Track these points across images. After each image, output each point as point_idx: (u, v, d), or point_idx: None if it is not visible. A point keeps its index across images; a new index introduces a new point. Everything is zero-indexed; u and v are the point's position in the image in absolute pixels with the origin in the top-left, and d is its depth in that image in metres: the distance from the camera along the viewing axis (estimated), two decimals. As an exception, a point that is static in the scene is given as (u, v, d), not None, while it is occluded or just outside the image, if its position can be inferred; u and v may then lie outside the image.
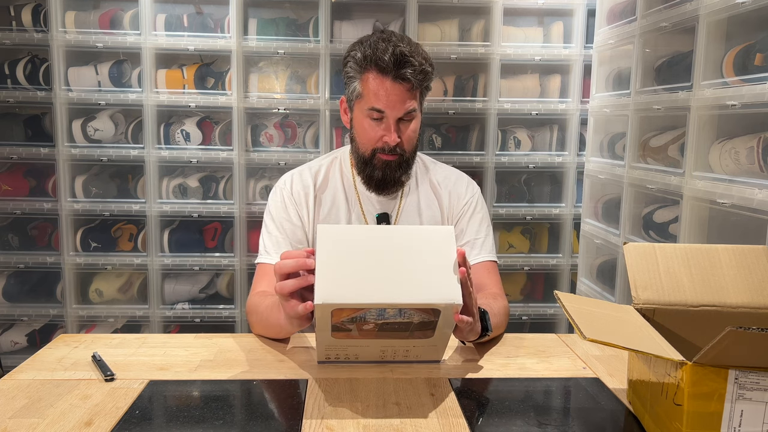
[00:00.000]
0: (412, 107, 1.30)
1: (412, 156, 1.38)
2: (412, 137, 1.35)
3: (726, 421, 0.74)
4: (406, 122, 1.32)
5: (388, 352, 1.06)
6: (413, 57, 1.26)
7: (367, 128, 1.32)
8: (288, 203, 1.40)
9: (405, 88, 1.27)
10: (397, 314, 0.93)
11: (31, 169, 2.55)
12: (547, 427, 0.88)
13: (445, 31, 2.54)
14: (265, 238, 1.38)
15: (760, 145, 1.51)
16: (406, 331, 0.98)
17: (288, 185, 1.42)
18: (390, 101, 1.27)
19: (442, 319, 0.95)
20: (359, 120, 1.34)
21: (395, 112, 1.29)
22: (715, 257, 0.97)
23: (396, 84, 1.26)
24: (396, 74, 1.25)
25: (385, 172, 1.35)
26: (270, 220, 1.40)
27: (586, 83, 2.56)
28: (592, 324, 0.80)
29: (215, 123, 2.57)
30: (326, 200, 1.41)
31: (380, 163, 1.34)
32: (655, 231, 1.99)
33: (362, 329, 0.97)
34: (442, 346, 1.05)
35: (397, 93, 1.27)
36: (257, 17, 2.54)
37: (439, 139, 2.60)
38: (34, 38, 2.43)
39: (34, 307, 2.54)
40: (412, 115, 1.32)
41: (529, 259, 2.65)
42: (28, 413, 0.90)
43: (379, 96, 1.27)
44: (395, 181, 1.37)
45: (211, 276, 2.64)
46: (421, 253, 0.95)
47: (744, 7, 1.54)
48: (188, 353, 1.14)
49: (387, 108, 1.28)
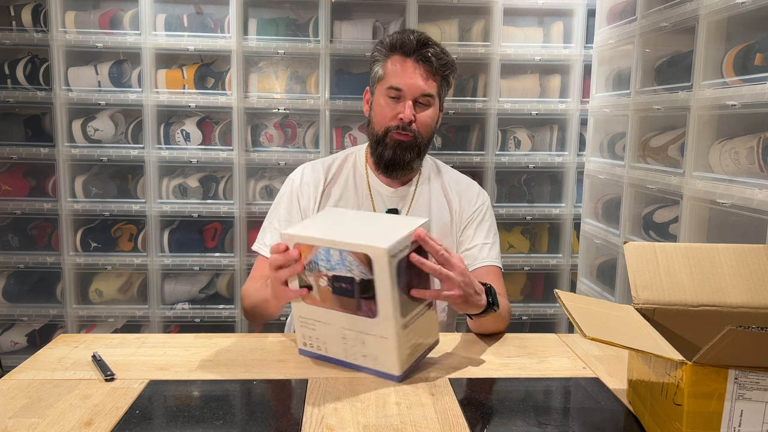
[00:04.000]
0: (430, 91, 1.34)
1: (425, 144, 1.39)
2: (428, 123, 1.37)
3: (726, 421, 0.74)
4: (423, 106, 1.36)
5: (348, 344, 1.04)
6: (436, 45, 1.35)
7: (384, 106, 1.36)
8: (295, 198, 1.43)
9: (425, 69, 1.33)
10: (340, 263, 0.97)
11: (31, 169, 2.55)
12: (547, 427, 0.88)
13: (445, 31, 2.54)
14: (267, 228, 1.42)
15: (760, 145, 1.51)
16: (353, 295, 0.99)
17: (298, 178, 1.45)
18: (409, 80, 1.33)
19: (377, 276, 0.95)
20: (378, 101, 1.38)
21: (413, 91, 1.33)
22: (715, 257, 0.97)
23: (417, 64, 1.33)
24: (418, 55, 1.32)
25: (395, 152, 1.36)
26: (276, 212, 1.43)
27: (586, 83, 2.56)
28: (593, 323, 0.80)
29: (215, 123, 2.57)
30: (335, 193, 1.43)
31: (392, 141, 1.36)
32: (655, 231, 1.99)
33: (320, 286, 1.01)
34: (393, 344, 0.99)
35: (417, 72, 1.33)
36: (257, 17, 2.54)
37: (439, 139, 2.60)
38: (34, 38, 2.43)
39: (34, 307, 2.54)
40: (429, 101, 1.35)
41: (529, 259, 2.65)
42: (28, 413, 0.90)
43: (399, 74, 1.33)
44: (404, 164, 1.38)
45: (211, 276, 2.64)
46: (387, 222, 1.09)
47: (744, 7, 1.54)
48: (188, 353, 1.14)
49: (405, 86, 1.33)
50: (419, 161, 1.41)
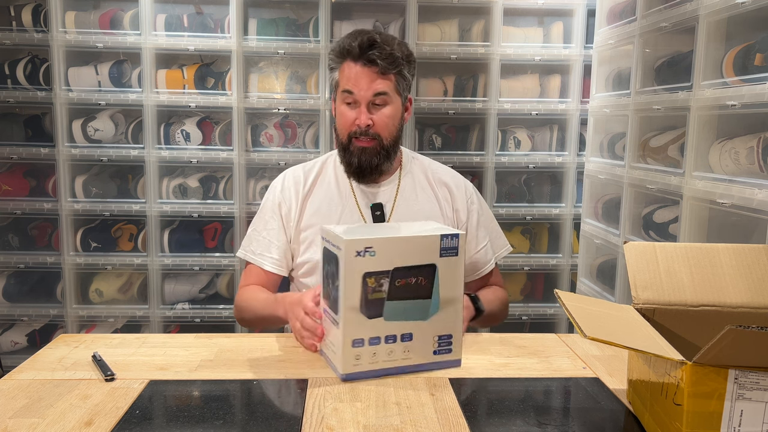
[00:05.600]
0: (382, 90, 1.34)
1: (391, 145, 1.40)
2: (387, 123, 1.37)
3: (726, 421, 0.74)
4: (379, 106, 1.36)
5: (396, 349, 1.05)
6: (383, 44, 1.33)
7: (343, 113, 1.38)
8: (277, 205, 1.44)
9: (373, 70, 1.33)
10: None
11: (31, 169, 2.55)
12: (547, 427, 0.88)
13: (445, 31, 2.54)
14: (252, 236, 1.45)
15: (760, 145, 1.51)
16: None
17: (280, 184, 1.47)
18: (359, 83, 1.34)
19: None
20: (339, 108, 1.39)
21: (364, 93, 1.34)
22: (715, 257, 0.97)
23: (365, 68, 1.33)
24: (365, 58, 1.33)
25: (361, 159, 1.37)
26: (261, 219, 1.45)
27: (586, 83, 2.56)
28: (593, 323, 0.80)
29: (215, 123, 2.57)
30: (318, 193, 1.44)
31: (356, 149, 1.37)
32: (655, 231, 1.99)
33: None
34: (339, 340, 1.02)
35: (365, 75, 1.34)
36: (257, 17, 2.54)
37: (439, 139, 2.60)
38: (34, 38, 2.43)
39: (34, 307, 2.54)
40: (384, 99, 1.36)
41: (529, 259, 2.65)
42: (29, 413, 0.90)
43: (349, 79, 1.34)
44: (372, 169, 1.39)
45: (211, 276, 2.64)
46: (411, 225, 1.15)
47: (744, 7, 1.54)
48: (188, 353, 1.14)
49: (356, 89, 1.34)
50: (389, 163, 1.41)
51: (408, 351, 1.04)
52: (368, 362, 1.03)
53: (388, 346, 1.03)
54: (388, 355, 1.03)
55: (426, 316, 1.04)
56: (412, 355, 1.05)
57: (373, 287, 0.99)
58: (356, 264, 0.98)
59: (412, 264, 1.01)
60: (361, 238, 0.98)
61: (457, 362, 1.08)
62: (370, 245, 0.98)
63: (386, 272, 1.00)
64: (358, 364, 1.02)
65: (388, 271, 1.00)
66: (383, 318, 1.01)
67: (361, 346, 1.01)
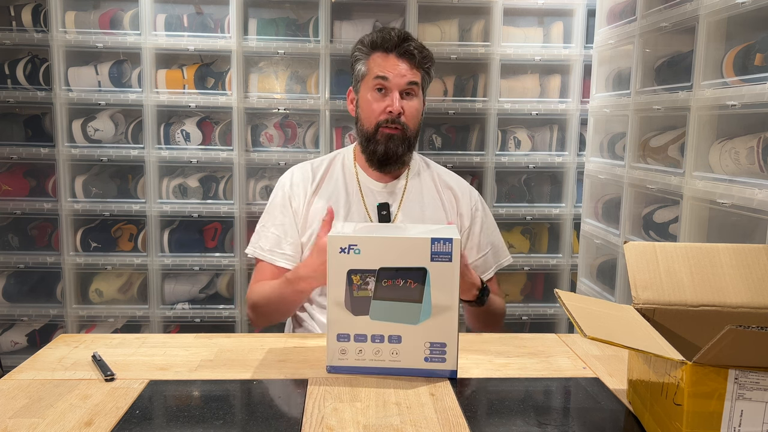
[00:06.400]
0: (415, 80, 1.37)
1: (413, 136, 1.42)
2: (415, 114, 1.40)
3: (726, 421, 0.74)
4: (410, 96, 1.38)
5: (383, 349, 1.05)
6: (415, 40, 1.39)
7: (372, 101, 1.38)
8: (287, 200, 1.44)
9: (408, 62, 1.37)
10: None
11: (31, 169, 2.55)
12: (547, 427, 0.88)
13: (445, 31, 2.54)
14: (261, 233, 1.44)
15: (760, 145, 1.51)
16: None
17: (288, 180, 1.47)
18: (394, 69, 1.36)
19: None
20: (364, 97, 1.40)
21: (399, 80, 1.36)
22: (715, 257, 0.97)
23: (400, 59, 1.37)
24: (400, 49, 1.36)
25: (387, 146, 1.38)
26: (270, 216, 1.45)
27: (586, 83, 2.56)
28: (593, 322, 0.80)
29: (215, 123, 2.57)
30: (325, 190, 1.45)
31: (383, 137, 1.38)
32: (655, 231, 1.99)
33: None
34: None
35: (401, 65, 1.36)
36: (257, 17, 2.54)
37: (439, 139, 2.60)
38: (34, 38, 2.43)
39: (34, 307, 2.54)
40: (415, 90, 1.38)
41: (529, 259, 2.65)
42: (28, 413, 0.90)
43: (384, 66, 1.37)
44: (397, 158, 1.40)
45: (211, 276, 2.64)
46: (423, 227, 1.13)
47: (744, 7, 1.54)
48: (188, 353, 1.14)
49: (391, 74, 1.36)
50: (410, 154, 1.44)
51: (396, 353, 1.03)
52: (354, 358, 1.04)
53: (375, 345, 1.03)
54: (375, 355, 1.03)
55: (416, 320, 1.02)
56: (401, 358, 1.04)
57: (358, 285, 1.00)
58: (340, 260, 1.00)
59: (400, 266, 1.01)
60: (346, 235, 1.00)
61: (451, 372, 1.04)
62: (354, 243, 0.99)
63: (372, 271, 1.00)
64: (343, 359, 1.04)
65: (374, 270, 1.00)
66: (369, 316, 1.02)
67: (347, 341, 1.03)
